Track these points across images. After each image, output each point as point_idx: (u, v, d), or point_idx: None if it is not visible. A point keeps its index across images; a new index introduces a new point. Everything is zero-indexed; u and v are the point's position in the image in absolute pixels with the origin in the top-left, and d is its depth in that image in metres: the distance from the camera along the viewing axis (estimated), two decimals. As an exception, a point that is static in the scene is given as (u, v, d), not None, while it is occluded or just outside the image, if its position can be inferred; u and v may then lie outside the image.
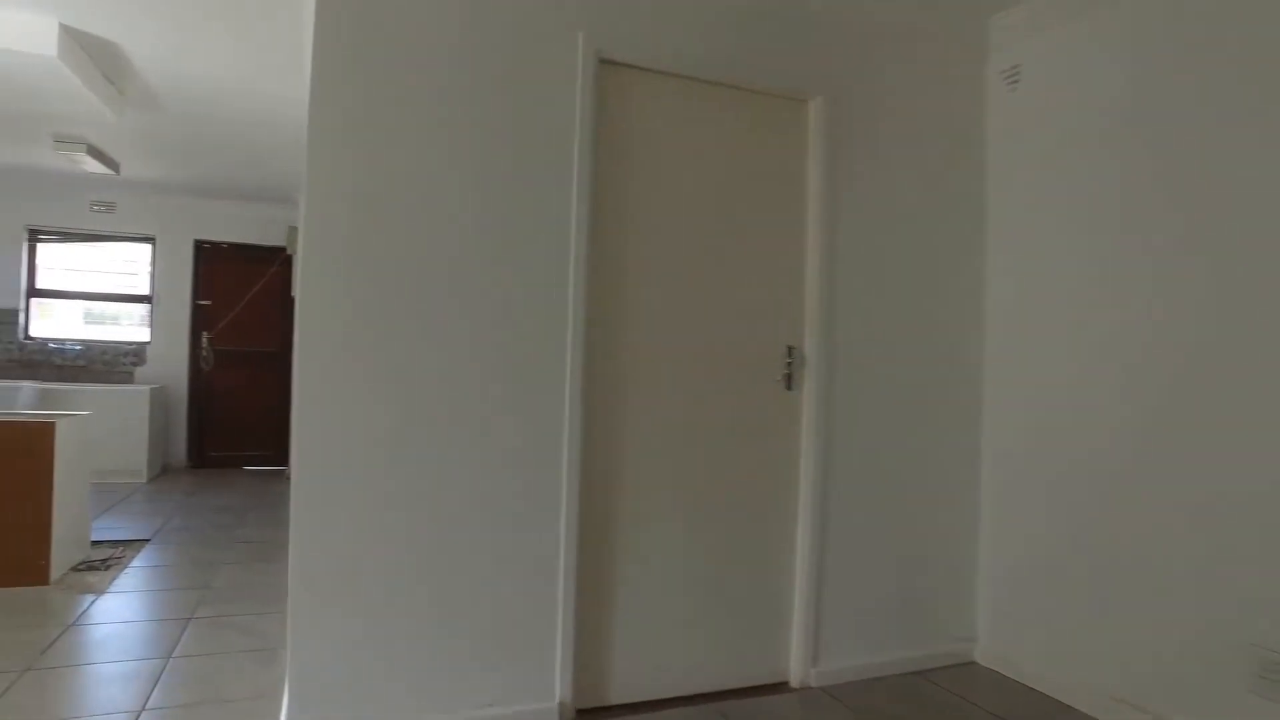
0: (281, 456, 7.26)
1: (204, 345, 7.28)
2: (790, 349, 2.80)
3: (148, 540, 4.69)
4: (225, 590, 3.85)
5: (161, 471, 6.95)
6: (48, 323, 7.15)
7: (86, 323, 7.28)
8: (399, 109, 2.36)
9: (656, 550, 2.67)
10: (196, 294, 7.33)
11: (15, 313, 6.88)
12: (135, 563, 4.26)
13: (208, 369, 7.30)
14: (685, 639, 2.72)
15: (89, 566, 4.15)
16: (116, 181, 6.70)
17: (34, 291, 7.04)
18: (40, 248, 7.06)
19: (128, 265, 7.33)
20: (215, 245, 7.40)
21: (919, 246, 3.04)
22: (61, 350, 6.98)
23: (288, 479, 6.54)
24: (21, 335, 6.92)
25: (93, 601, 3.66)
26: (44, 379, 6.75)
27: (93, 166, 5.90)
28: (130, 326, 7.33)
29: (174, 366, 7.21)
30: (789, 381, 2.80)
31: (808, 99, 2.85)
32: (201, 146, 5.56)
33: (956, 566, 3.10)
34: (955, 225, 3.11)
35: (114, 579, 3.98)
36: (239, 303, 7.39)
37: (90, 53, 3.90)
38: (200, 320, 7.33)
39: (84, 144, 5.53)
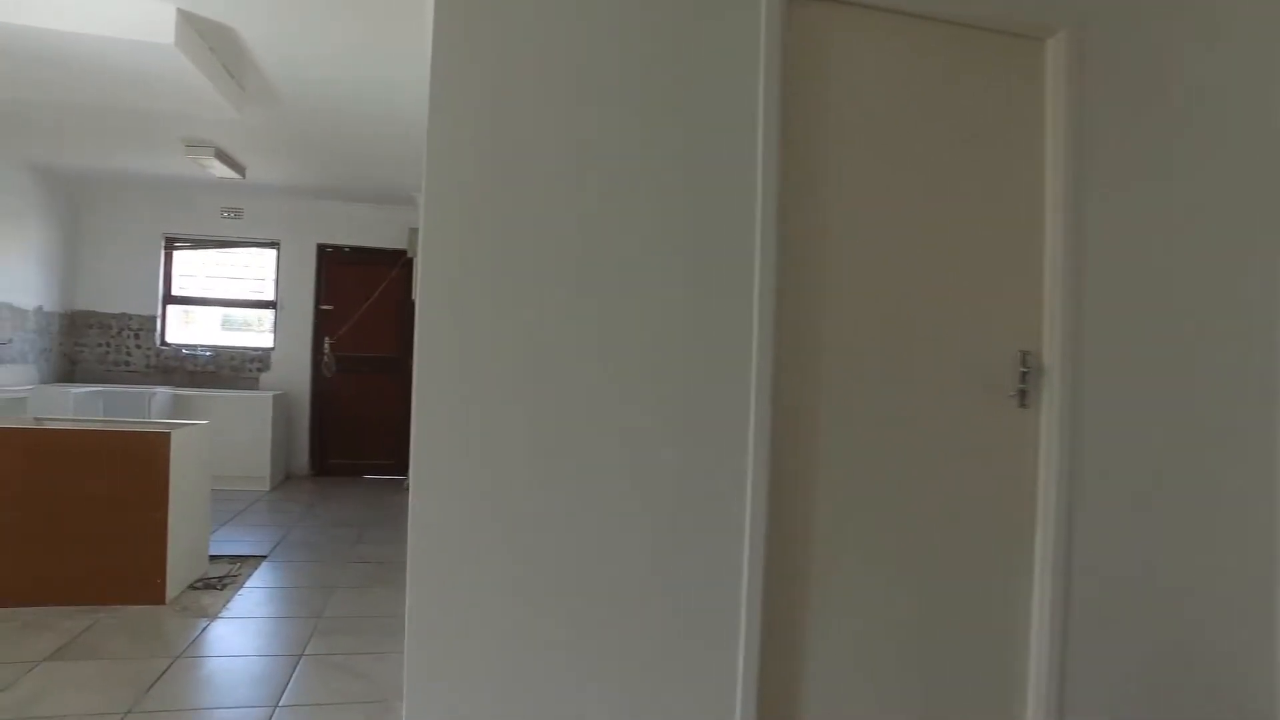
0: (401, 466, 7.05)
1: (326, 351, 7.17)
2: (1024, 355, 2.17)
3: (265, 557, 4.46)
4: (339, 621, 3.52)
5: (285, 479, 6.86)
6: (187, 329, 7.22)
7: (224, 329, 7.31)
8: (532, 81, 1.90)
9: (856, 602, 2.10)
10: (319, 299, 7.24)
11: (153, 319, 6.95)
12: (251, 582, 4.02)
13: (330, 375, 7.19)
14: (891, 707, 2.13)
15: (206, 584, 3.93)
16: (244, 187, 6.66)
17: (170, 298, 7.11)
18: (175, 255, 7.13)
19: (256, 271, 7.32)
20: (337, 249, 7.29)
21: (1193, 229, 2.33)
22: (194, 356, 7.01)
23: (406, 489, 6.25)
24: (159, 341, 6.99)
25: (204, 628, 3.39)
26: (178, 384, 6.79)
27: (220, 171, 5.83)
28: (260, 333, 7.31)
29: (297, 372, 7.13)
30: (1023, 397, 2.17)
31: (1046, 35, 2.22)
32: (322, 144, 5.37)
33: (1250, 625, 2.37)
34: (1249, 207, 2.38)
35: (228, 600, 3.73)
36: (360, 308, 7.25)
37: (208, 41, 3.68)
38: (323, 325, 7.23)
39: (211, 147, 5.44)
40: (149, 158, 5.82)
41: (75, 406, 5.87)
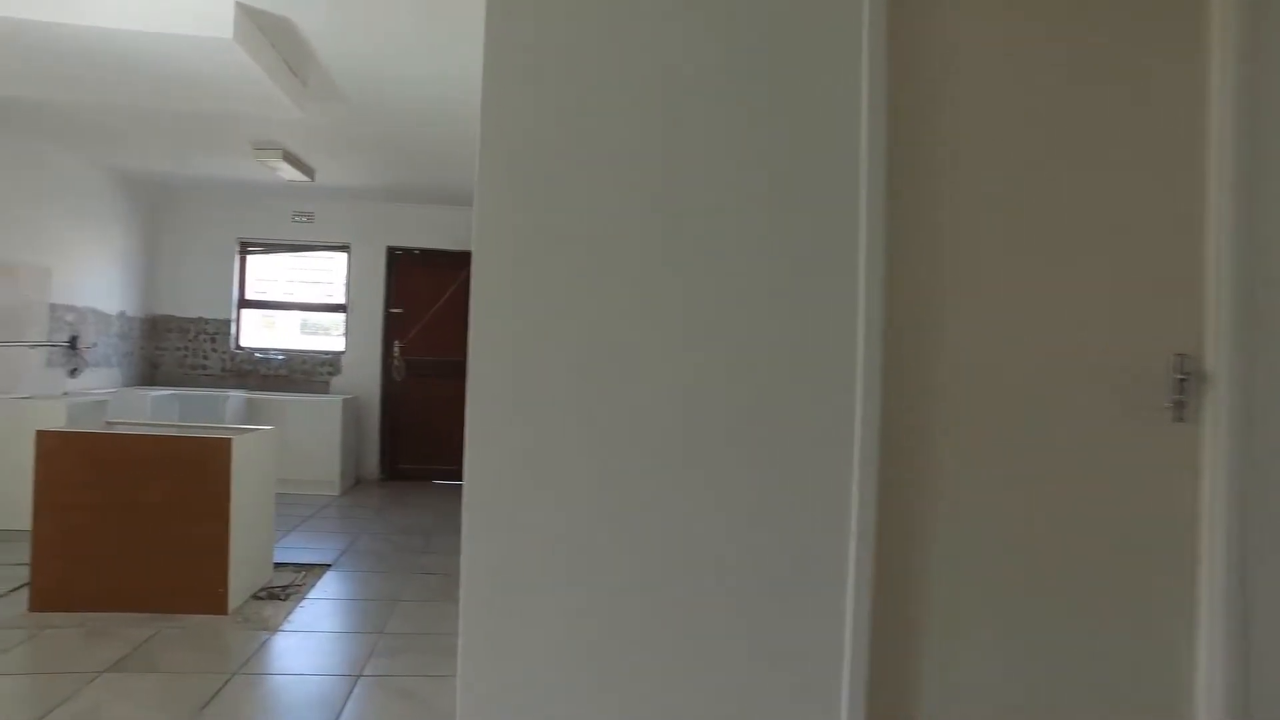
0: (470, 470, 6.94)
1: (395, 355, 7.12)
2: (1180, 360, 1.82)
3: (329, 566, 4.35)
4: (400, 638, 3.35)
5: (355, 483, 6.83)
6: (269, 333, 7.28)
7: (303, 333, 7.35)
8: (597, 73, 1.66)
9: (977, 662, 1.79)
10: (389, 302, 7.19)
11: (228, 323, 7.02)
12: (314, 592, 3.90)
13: (399, 379, 7.14)
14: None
15: (269, 594, 3.83)
16: (314, 191, 6.65)
17: (243, 302, 7.17)
18: (249, 259, 7.19)
19: (328, 274, 7.33)
20: (407, 251, 7.24)
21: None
22: (267, 360, 7.05)
23: None
24: (233, 345, 7.05)
25: (264, 642, 3.27)
26: (252, 388, 6.83)
27: (289, 173, 5.80)
28: (331, 337, 7.31)
29: (367, 376, 7.10)
30: (1179, 409, 1.82)
31: (1206, -22, 1.87)
32: (388, 144, 5.27)
33: None
34: None
35: (290, 612, 3.61)
36: (429, 310, 7.17)
37: (268, 35, 3.57)
38: (392, 329, 7.18)
39: (279, 149, 5.40)
40: (221, 162, 5.84)
41: (153, 409, 5.93)
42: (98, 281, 6.09)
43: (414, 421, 7.19)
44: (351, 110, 4.55)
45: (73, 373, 5.77)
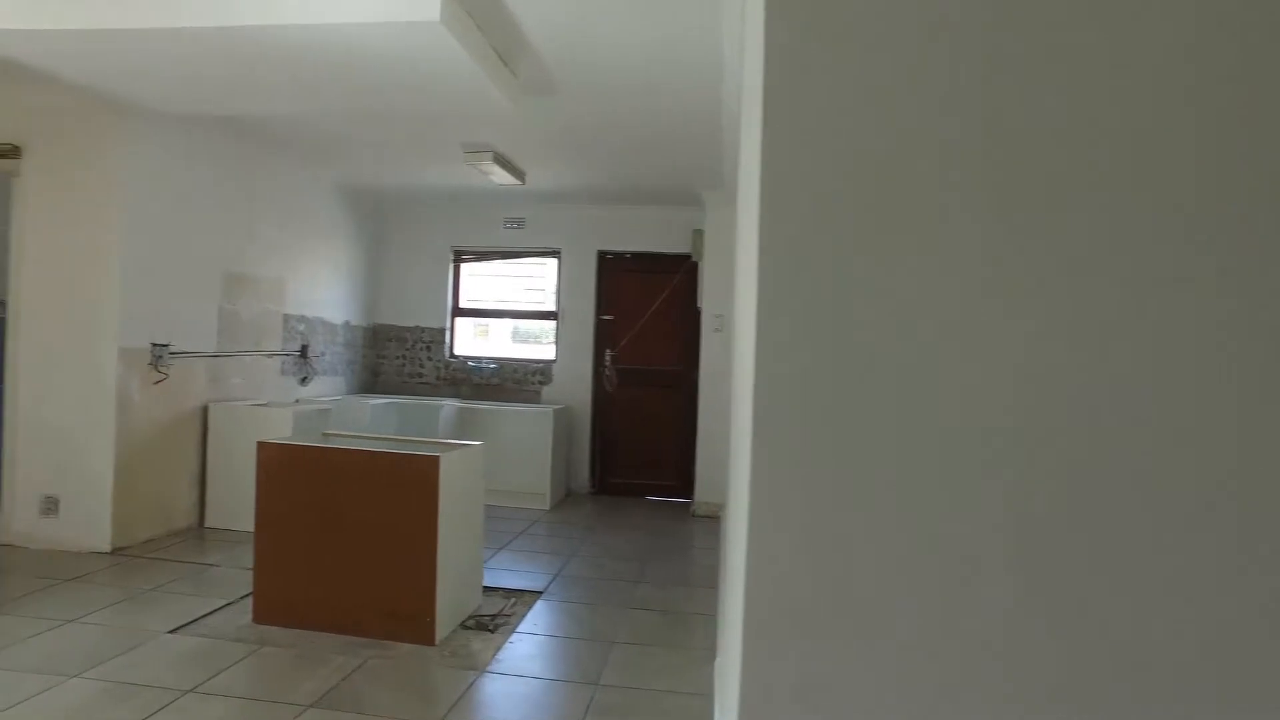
0: (685, 488, 6.49)
1: (607, 363, 6.83)
2: None
3: (540, 593, 4.02)
4: (617, 693, 2.90)
5: (565, 496, 6.59)
6: (483, 341, 7.28)
7: (515, 341, 7.28)
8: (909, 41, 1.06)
9: None
10: (600, 309, 6.91)
11: (443, 331, 7.06)
12: (525, 625, 3.56)
13: (611, 389, 6.83)
14: None
15: (478, 623, 3.54)
16: (525, 196, 6.51)
17: (457, 310, 7.19)
18: (463, 267, 7.20)
19: (538, 281, 7.20)
20: (618, 255, 6.92)
21: None
22: (480, 368, 7.01)
23: (694, 515, 5.48)
24: (447, 354, 7.08)
25: (471, 683, 2.94)
26: (465, 397, 6.80)
27: (501, 177, 5.64)
28: (542, 345, 7.16)
29: (578, 385, 6.85)
30: None
31: None
32: (601, 140, 4.92)
33: None
34: None
35: (499, 648, 3.28)
36: (642, 317, 6.82)
37: (475, 18, 3.28)
38: (603, 337, 6.90)
39: (490, 151, 5.22)
40: (435, 170, 5.79)
41: (372, 417, 6.00)
42: (325, 292, 6.28)
43: (625, 433, 6.85)
44: (565, 103, 4.22)
45: (303, 381, 5.95)
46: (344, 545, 3.36)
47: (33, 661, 2.91)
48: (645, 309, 6.80)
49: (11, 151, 4.40)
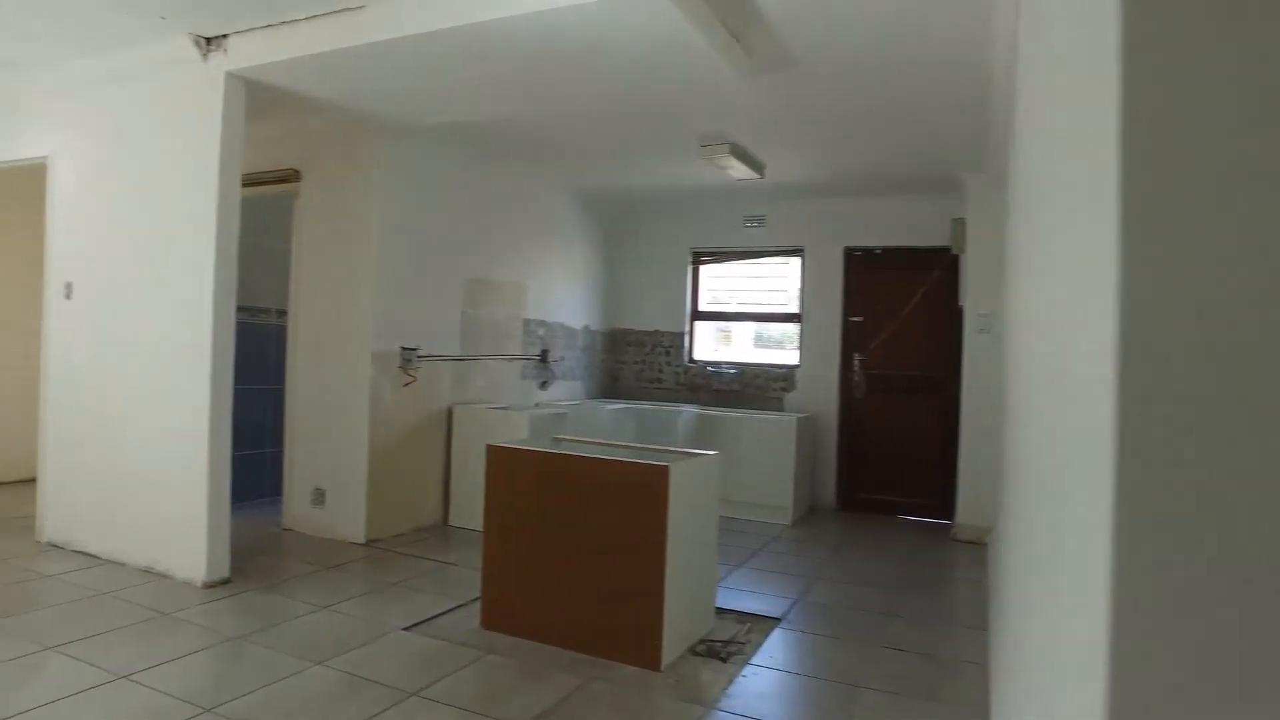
0: (944, 508, 5.75)
1: (856, 369, 6.26)
2: None
3: (778, 620, 3.61)
4: (866, 757, 2.42)
5: (808, 512, 6.10)
6: (723, 347, 7.03)
7: (757, 346, 6.95)
8: None
9: None
10: (847, 310, 6.35)
11: (681, 336, 6.88)
12: (759, 656, 3.18)
13: (860, 396, 6.25)
14: None
15: (709, 649, 3.21)
16: (764, 191, 6.15)
17: (696, 314, 6.98)
18: (701, 269, 6.98)
19: (780, 282, 6.79)
20: (867, 252, 6.33)
21: None
22: (719, 374, 6.73)
23: (954, 539, 4.75)
24: (686, 359, 6.89)
25: (695, 722, 2.61)
26: (704, 403, 6.55)
27: (739, 171, 5.33)
28: (785, 349, 6.74)
29: (823, 392, 6.34)
30: None
31: None
32: (845, 120, 4.43)
33: None
34: None
35: (730, 681, 2.93)
36: (894, 318, 6.17)
37: (703, -18, 2.98)
38: (852, 340, 6.33)
39: (726, 143, 4.93)
40: (671, 169, 5.61)
41: (609, 423, 5.93)
42: (564, 297, 6.34)
43: (875, 444, 6.23)
44: (802, 79, 3.80)
45: (543, 385, 6.02)
46: (569, 555, 3.19)
47: (290, 643, 3.03)
48: (898, 309, 6.14)
49: (293, 175, 4.82)
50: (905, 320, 6.13)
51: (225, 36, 3.63)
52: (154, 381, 3.85)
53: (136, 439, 3.92)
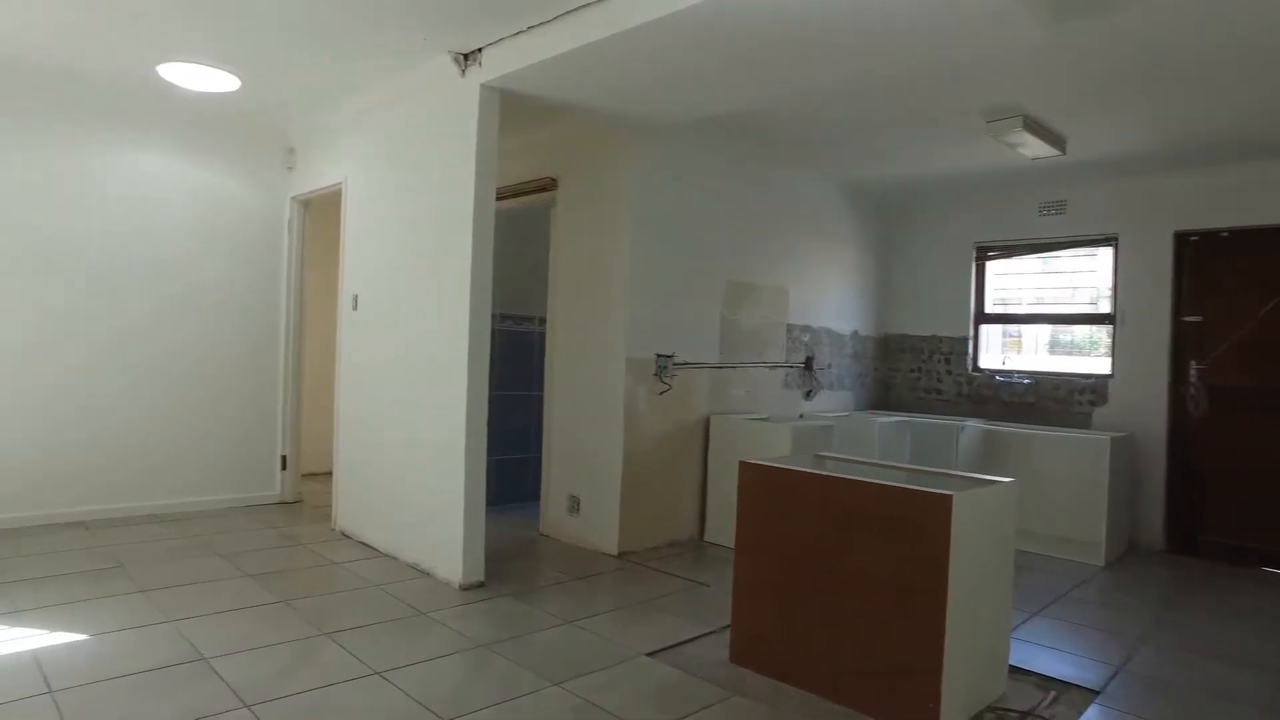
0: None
1: (1192, 380, 5.10)
2: None
3: (1095, 693, 2.88)
4: None
5: (1126, 552, 5.05)
6: (1006, 352, 6.14)
7: (1050, 352, 5.98)
8: None
9: None
10: (1178, 308, 5.21)
11: (964, 341, 6.09)
12: (1069, 738, 2.53)
13: (1197, 413, 5.09)
14: None
15: (999, 719, 2.62)
16: (1064, 171, 5.24)
17: (982, 317, 6.14)
18: (988, 266, 6.13)
19: (1085, 278, 5.75)
20: (1206, 235, 5.14)
21: None
22: (1009, 384, 5.85)
23: None
24: (969, 367, 6.08)
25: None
26: (991, 417, 5.73)
27: (1034, 148, 4.55)
28: (1093, 356, 5.70)
29: (1146, 408, 5.24)
30: None
31: None
32: (1185, 69, 3.54)
33: None
34: None
35: (1030, 768, 2.34)
36: (1249, 317, 4.94)
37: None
38: (1186, 345, 5.18)
39: (1018, 115, 4.21)
40: (948, 149, 4.94)
41: (880, 437, 5.36)
42: (830, 300, 5.86)
43: (1221, 474, 5.01)
44: (1126, 17, 3.06)
45: (808, 395, 5.60)
46: (831, 589, 2.77)
47: (532, 658, 2.94)
48: (1254, 306, 4.91)
49: (551, 184, 4.88)
50: (1265, 320, 4.88)
51: (480, 50, 3.70)
52: (420, 388, 4.03)
53: (406, 441, 4.12)
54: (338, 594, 3.58)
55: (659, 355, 4.54)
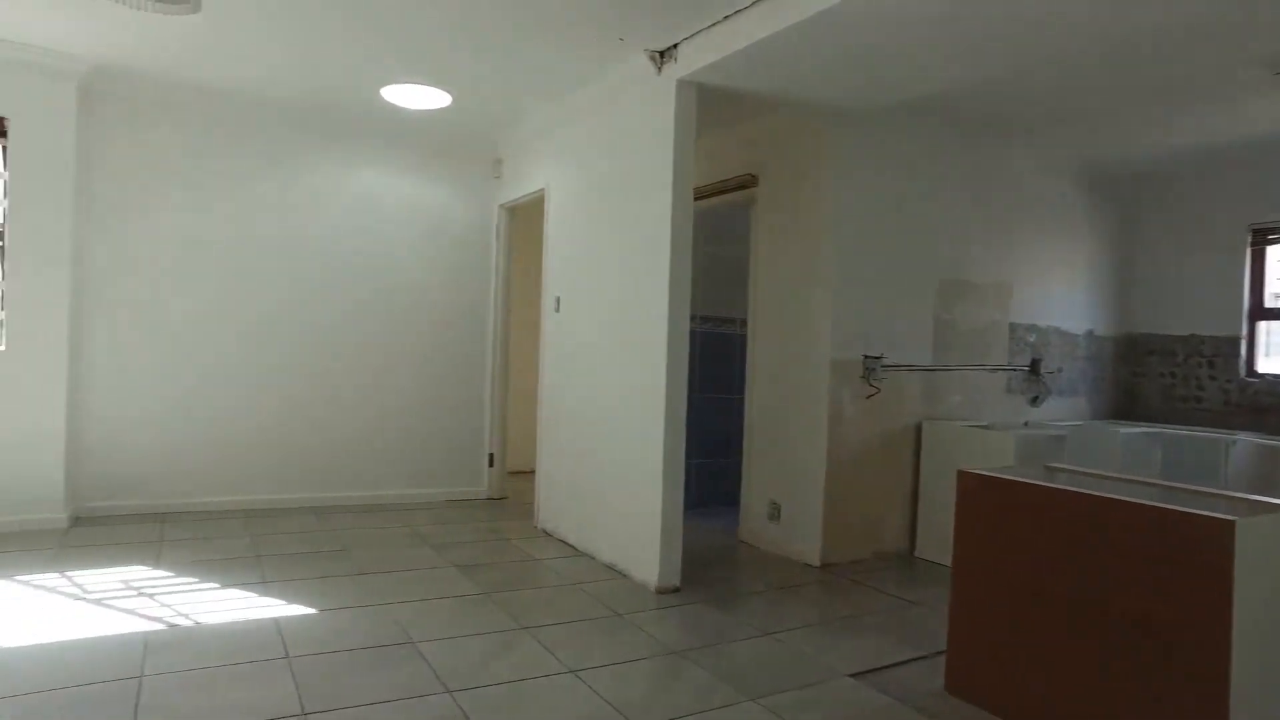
0: None
1: None
2: None
3: None
4: None
5: None
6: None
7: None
8: None
9: None
10: None
11: (1234, 342, 5.21)
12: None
13: None
14: None
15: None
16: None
17: (1260, 312, 5.22)
18: (1269, 252, 5.20)
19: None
20: None
21: None
22: (1295, 393, 4.93)
23: None
24: (1242, 372, 5.19)
25: None
26: (1270, 431, 4.85)
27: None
28: None
29: None
30: None
31: None
32: None
33: None
34: None
35: None
36: None
37: None
38: None
39: (1313, 62, 3.50)
40: (1213, 114, 4.23)
41: (1124, 450, 4.69)
42: (1060, 297, 5.23)
43: None
44: None
45: (1034, 400, 5.03)
46: (1067, 622, 2.40)
47: (727, 669, 2.80)
48: None
49: (750, 180, 4.73)
50: None
51: (675, 46, 3.63)
52: (618, 390, 4.02)
53: (605, 442, 4.14)
54: (537, 589, 3.64)
55: (866, 357, 4.25)
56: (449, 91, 4.40)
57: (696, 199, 3.95)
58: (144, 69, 4.26)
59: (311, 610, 3.19)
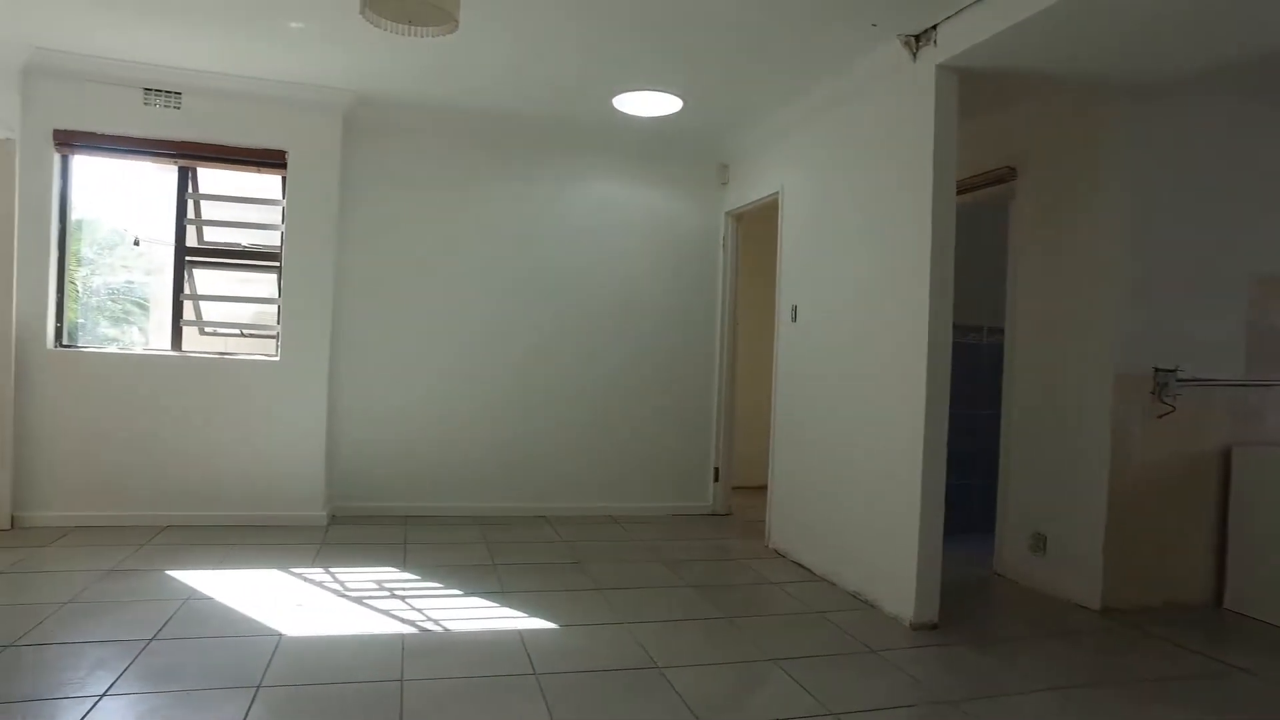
0: None
1: None
2: None
3: None
4: None
5: None
6: None
7: None
8: None
9: None
10: None
11: None
12: None
13: None
14: None
15: None
16: None
17: None
18: None
19: None
20: None
21: None
22: None
23: None
24: None
25: None
26: None
27: None
28: None
29: None
30: None
31: None
32: None
33: None
34: None
35: None
36: None
37: None
38: None
39: None
40: None
41: None
42: None
43: None
44: None
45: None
46: None
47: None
48: None
49: (1008, 174, 4.26)
50: None
51: (934, 28, 3.29)
52: (869, 404, 3.72)
53: (849, 460, 3.84)
54: (778, 616, 3.42)
55: (1158, 370, 3.65)
56: (680, 97, 4.32)
57: (947, 195, 3.57)
58: (393, 93, 4.53)
59: (553, 625, 3.16)
